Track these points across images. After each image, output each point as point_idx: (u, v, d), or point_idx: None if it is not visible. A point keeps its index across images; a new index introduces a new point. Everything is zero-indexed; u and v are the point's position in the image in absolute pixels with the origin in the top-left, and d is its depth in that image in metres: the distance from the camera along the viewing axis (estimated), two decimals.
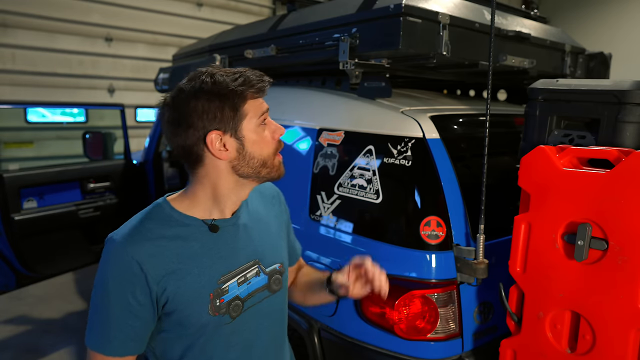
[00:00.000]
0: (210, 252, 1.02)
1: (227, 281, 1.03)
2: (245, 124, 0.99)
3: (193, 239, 1.01)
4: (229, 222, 1.06)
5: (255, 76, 0.99)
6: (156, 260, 0.96)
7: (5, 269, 2.82)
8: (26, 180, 2.75)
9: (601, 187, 1.19)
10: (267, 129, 1.03)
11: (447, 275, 1.55)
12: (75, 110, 5.14)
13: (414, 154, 1.63)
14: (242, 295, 1.06)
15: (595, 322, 1.22)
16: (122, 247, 0.96)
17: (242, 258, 1.07)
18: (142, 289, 0.95)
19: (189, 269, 0.99)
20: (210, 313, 1.00)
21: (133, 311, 0.95)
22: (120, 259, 0.95)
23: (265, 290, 1.11)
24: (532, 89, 1.51)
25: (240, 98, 0.98)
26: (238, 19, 6.38)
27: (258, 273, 1.10)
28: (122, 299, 0.94)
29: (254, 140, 1.00)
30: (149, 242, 0.97)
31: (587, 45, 2.61)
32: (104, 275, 0.96)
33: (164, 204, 1.04)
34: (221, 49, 2.79)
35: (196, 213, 1.04)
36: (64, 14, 5.08)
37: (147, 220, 1.01)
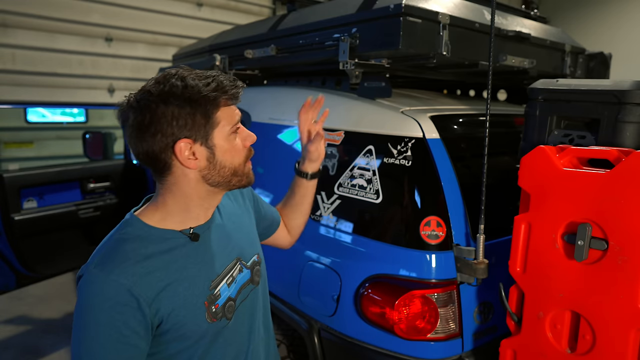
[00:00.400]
0: (195, 261, 0.99)
1: (217, 285, 1.02)
2: (217, 132, 0.94)
3: (176, 252, 0.97)
4: (205, 227, 1.04)
5: (229, 81, 0.94)
6: (145, 282, 0.90)
7: (5, 269, 2.82)
8: (26, 180, 2.75)
9: (601, 187, 1.19)
10: (239, 136, 1.00)
11: (447, 275, 1.55)
12: (75, 110, 5.13)
13: (414, 154, 1.63)
14: (233, 295, 1.06)
15: (595, 322, 1.22)
16: (105, 276, 0.88)
17: (225, 259, 1.07)
18: (135, 316, 0.88)
19: (179, 283, 0.95)
20: (209, 320, 0.99)
21: (130, 342, 0.88)
22: (106, 289, 0.87)
23: (250, 284, 1.13)
24: (532, 89, 1.51)
25: (213, 105, 0.93)
26: (238, 19, 6.38)
27: (242, 269, 1.11)
28: (115, 332, 0.86)
29: (226, 149, 0.96)
30: (133, 265, 0.90)
31: (587, 45, 2.61)
32: (89, 310, 0.87)
33: (134, 222, 0.97)
34: (221, 49, 2.79)
35: (171, 225, 0.99)
36: (64, 14, 5.07)
37: (123, 242, 0.94)
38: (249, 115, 2.38)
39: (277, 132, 2.18)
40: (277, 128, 2.19)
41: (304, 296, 1.85)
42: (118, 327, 0.87)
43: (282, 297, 1.96)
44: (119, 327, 0.87)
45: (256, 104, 2.44)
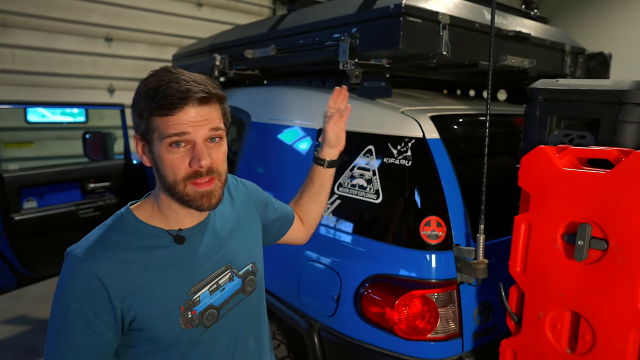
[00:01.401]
0: (178, 263, 0.97)
1: (197, 291, 0.99)
2: (155, 139, 0.90)
3: (158, 251, 0.95)
4: (196, 230, 1.01)
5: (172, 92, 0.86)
6: (119, 275, 0.89)
7: (5, 269, 2.82)
8: (26, 180, 2.75)
9: (601, 187, 1.19)
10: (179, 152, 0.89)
11: (447, 275, 1.54)
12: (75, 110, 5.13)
13: (414, 154, 1.63)
14: (217, 303, 1.02)
15: (595, 322, 1.22)
16: (81, 262, 0.88)
17: (213, 265, 1.03)
18: (104, 305, 0.88)
19: (155, 284, 0.93)
20: (182, 326, 0.96)
21: (95, 330, 0.88)
22: (80, 275, 0.88)
23: (240, 294, 1.09)
24: (532, 89, 1.51)
25: (147, 110, 0.89)
26: (238, 19, 6.38)
27: (232, 278, 1.06)
28: (82, 316, 0.87)
29: (160, 158, 0.91)
30: (111, 256, 0.90)
31: (587, 45, 2.61)
32: (62, 292, 0.89)
33: (126, 214, 0.97)
34: (221, 49, 2.79)
35: (159, 222, 0.98)
36: (64, 14, 5.08)
37: (109, 232, 0.94)
38: (249, 115, 2.38)
39: (277, 132, 2.18)
40: (277, 128, 2.19)
41: (304, 296, 1.85)
42: (86, 314, 0.87)
43: (282, 297, 1.96)
44: (87, 314, 0.87)
45: (256, 104, 2.44)
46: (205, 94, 0.89)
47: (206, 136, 0.91)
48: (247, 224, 1.18)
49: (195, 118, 0.89)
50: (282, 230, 1.34)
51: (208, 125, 0.91)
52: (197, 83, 0.89)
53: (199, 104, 0.89)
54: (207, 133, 0.91)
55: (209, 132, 0.91)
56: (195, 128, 0.89)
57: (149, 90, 0.88)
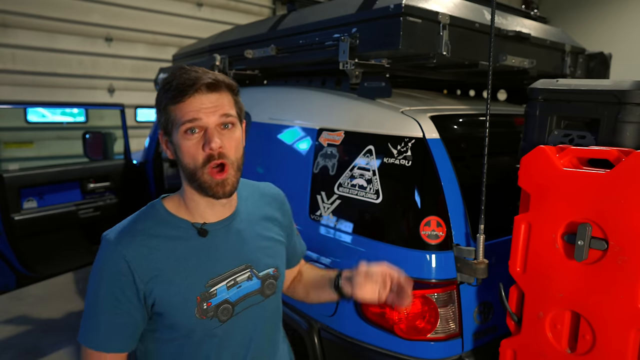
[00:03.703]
0: (199, 255, 1.01)
1: (215, 285, 1.02)
2: (173, 129, 0.97)
3: (182, 241, 1.01)
4: (220, 225, 1.05)
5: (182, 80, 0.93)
6: (144, 260, 0.96)
7: (5, 269, 2.82)
8: (26, 180, 2.75)
9: (601, 187, 1.19)
10: (194, 138, 0.95)
11: (447, 275, 1.55)
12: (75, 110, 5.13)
13: (414, 154, 1.63)
14: (232, 299, 1.04)
15: (595, 322, 1.22)
16: (113, 245, 0.96)
17: (233, 262, 1.06)
18: (130, 286, 0.95)
19: (176, 272, 0.98)
20: (197, 316, 0.99)
21: (122, 307, 0.95)
22: (111, 257, 0.96)
23: (258, 295, 1.10)
24: (532, 89, 1.51)
25: (163, 102, 0.96)
26: (238, 19, 6.38)
27: (250, 277, 1.08)
28: (111, 295, 0.95)
29: (179, 147, 0.97)
30: (138, 242, 0.97)
31: (587, 45, 2.61)
32: (96, 271, 0.97)
33: (157, 205, 1.05)
34: (221, 49, 2.79)
35: (186, 215, 1.03)
36: (64, 14, 5.08)
37: (140, 220, 1.02)
38: (249, 115, 2.38)
39: (277, 132, 2.18)
40: (277, 128, 2.19)
41: None
42: (115, 294, 0.95)
43: (282, 297, 1.95)
44: (116, 294, 0.95)
45: (256, 104, 2.44)
46: (212, 80, 0.95)
47: (217, 122, 0.96)
48: (275, 228, 1.19)
49: (205, 104, 0.94)
50: (290, 263, 1.30)
51: (219, 111, 0.95)
52: (205, 72, 0.96)
53: (207, 90, 0.94)
54: (218, 119, 0.96)
55: (220, 118, 0.96)
56: (206, 114, 0.94)
57: (165, 84, 0.96)
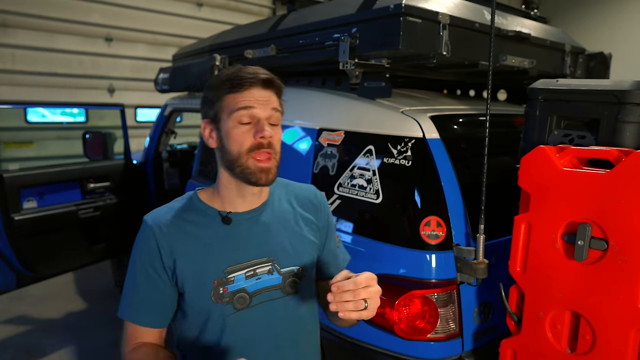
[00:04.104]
0: (221, 241, 1.06)
1: (233, 272, 1.05)
2: (224, 117, 1.03)
3: (207, 227, 1.07)
4: (246, 216, 1.09)
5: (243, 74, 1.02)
6: (172, 240, 1.04)
7: (5, 269, 2.82)
8: (26, 180, 2.74)
9: (601, 187, 1.19)
10: (245, 127, 1.01)
11: (447, 275, 1.55)
12: (75, 110, 5.14)
13: (414, 154, 1.63)
14: (250, 290, 1.06)
15: (595, 322, 1.22)
16: (146, 225, 1.06)
17: (255, 253, 1.08)
18: (159, 262, 1.03)
19: (198, 255, 1.04)
20: (213, 299, 1.03)
21: (153, 283, 1.04)
22: (144, 235, 1.06)
23: (278, 290, 1.09)
24: (532, 89, 1.51)
25: (220, 91, 1.03)
26: (238, 19, 6.38)
27: (271, 271, 1.09)
28: (144, 270, 1.04)
29: (227, 133, 1.03)
30: (167, 223, 1.05)
31: (587, 45, 2.61)
32: (134, 249, 1.07)
33: (193, 194, 1.13)
34: (221, 49, 2.79)
35: (216, 203, 1.09)
36: (64, 14, 5.08)
37: (175, 206, 1.10)
38: None
39: None
40: None
41: None
42: (147, 268, 1.04)
43: None
44: (147, 267, 1.04)
45: None
46: (269, 77, 1.04)
47: (268, 115, 1.03)
48: (304, 230, 1.17)
49: (260, 97, 1.02)
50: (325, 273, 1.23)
51: (270, 105, 1.03)
52: (262, 70, 1.04)
53: (263, 86, 1.03)
54: (269, 112, 1.03)
55: (270, 112, 1.03)
56: (260, 105, 1.02)
57: (224, 77, 1.03)
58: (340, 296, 0.89)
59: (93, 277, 4.18)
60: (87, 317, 3.51)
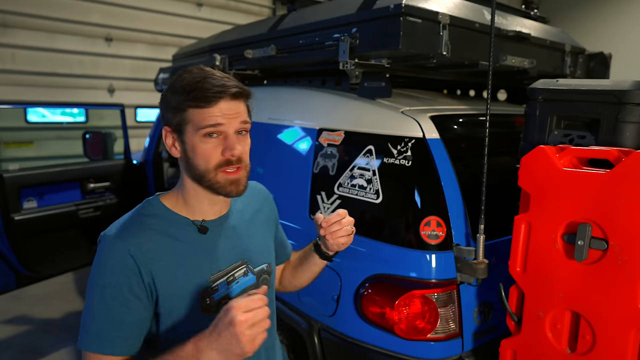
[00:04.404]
0: (199, 252, 1.03)
1: (216, 280, 1.04)
2: (188, 130, 0.98)
3: (182, 238, 1.02)
4: (217, 223, 1.08)
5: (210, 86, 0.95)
6: (150, 255, 0.96)
7: (5, 269, 2.82)
8: (26, 180, 2.75)
9: (601, 187, 1.18)
10: (213, 142, 0.97)
11: (447, 275, 1.55)
12: (75, 110, 5.13)
13: (414, 154, 1.63)
14: (233, 294, 1.07)
15: (595, 322, 1.22)
16: (115, 241, 0.96)
17: (231, 258, 1.08)
18: (137, 280, 0.95)
19: (179, 267, 1.00)
20: (203, 312, 1.02)
21: (128, 305, 0.94)
22: (115, 253, 0.95)
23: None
24: (532, 89, 1.51)
25: (184, 102, 0.96)
26: (238, 19, 6.38)
27: (246, 273, 1.11)
28: (118, 293, 0.94)
29: (193, 148, 0.98)
30: (141, 235, 0.98)
31: (587, 45, 2.61)
32: (98, 271, 0.95)
33: (154, 201, 1.06)
34: (221, 49, 2.79)
35: (184, 211, 1.05)
36: (64, 14, 5.08)
37: (139, 215, 1.03)
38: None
39: (277, 132, 2.18)
40: (277, 128, 2.19)
41: (304, 296, 1.85)
42: (122, 290, 0.94)
43: (282, 297, 1.96)
44: (123, 290, 0.94)
45: (256, 104, 2.44)
46: (238, 89, 0.98)
47: (237, 128, 0.99)
48: (264, 227, 1.22)
49: (228, 111, 0.97)
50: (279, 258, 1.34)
51: (239, 118, 0.99)
52: (229, 79, 0.98)
53: (231, 98, 0.97)
54: (238, 125, 0.99)
55: (239, 125, 0.99)
56: (228, 120, 0.97)
57: (186, 85, 0.96)
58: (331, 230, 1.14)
59: None
60: None
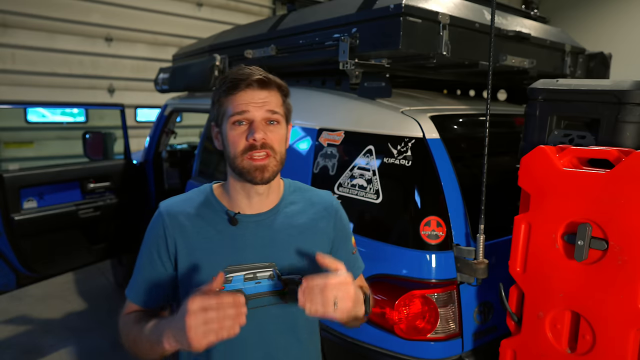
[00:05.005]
0: (225, 240, 1.07)
1: (233, 272, 1.05)
2: (223, 120, 1.04)
3: (213, 224, 1.08)
4: (252, 219, 1.09)
5: (237, 75, 1.02)
6: (178, 230, 1.06)
7: (5, 269, 2.82)
8: (26, 180, 2.74)
9: (601, 187, 1.19)
10: (240, 129, 1.02)
11: (447, 275, 1.55)
12: (75, 110, 5.14)
13: (414, 154, 1.63)
14: (247, 292, 1.05)
15: (595, 322, 1.22)
16: (159, 211, 1.11)
17: (257, 256, 1.07)
18: (163, 247, 1.07)
19: (200, 249, 1.06)
20: None
21: (154, 266, 1.08)
22: (155, 221, 1.10)
23: (277, 297, 1.08)
24: (532, 89, 1.51)
25: (220, 94, 1.04)
26: (238, 19, 6.39)
27: (272, 277, 1.08)
28: (149, 253, 1.09)
29: (226, 136, 1.04)
30: (178, 213, 1.08)
31: (587, 45, 2.61)
32: (146, 232, 1.12)
33: (207, 187, 1.15)
34: (221, 49, 2.79)
35: (225, 202, 1.11)
36: (64, 14, 5.08)
37: (189, 197, 1.13)
38: None
39: None
40: None
41: None
42: (151, 250, 1.09)
43: None
44: (152, 251, 1.09)
45: None
46: (263, 77, 1.02)
47: (264, 117, 1.02)
48: (313, 238, 1.14)
49: (254, 99, 1.01)
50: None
51: (266, 106, 1.02)
52: (258, 70, 1.03)
53: (258, 87, 1.02)
54: (265, 114, 1.02)
55: (266, 113, 1.02)
56: (254, 108, 1.01)
57: (222, 79, 1.05)
58: (309, 292, 0.90)
59: (93, 277, 4.18)
60: (87, 317, 3.51)
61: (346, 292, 0.91)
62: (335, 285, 0.90)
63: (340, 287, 0.91)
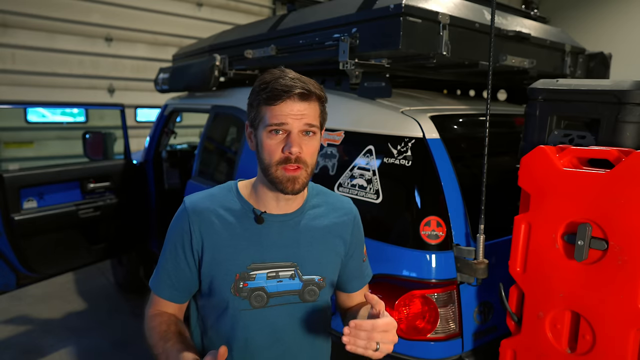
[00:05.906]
0: (250, 238, 1.09)
1: (256, 270, 1.07)
2: (259, 125, 1.04)
3: (240, 221, 1.09)
4: (278, 218, 1.11)
5: (279, 86, 1.00)
6: (204, 226, 1.08)
7: (5, 269, 2.82)
8: (26, 180, 2.74)
9: (601, 187, 1.19)
10: (277, 139, 1.01)
11: (447, 275, 1.55)
12: (75, 110, 5.14)
13: (414, 154, 1.63)
14: (269, 290, 1.08)
15: (595, 322, 1.22)
16: (184, 206, 1.11)
17: (280, 255, 1.10)
18: (188, 242, 1.08)
19: (226, 246, 1.07)
20: (232, 292, 1.07)
21: (178, 261, 1.10)
22: (180, 217, 1.11)
23: (297, 296, 1.11)
24: (532, 89, 1.51)
25: (258, 99, 1.03)
26: (238, 19, 6.38)
27: (293, 276, 1.11)
28: (174, 247, 1.10)
29: (261, 142, 1.04)
30: (204, 210, 1.09)
31: (587, 45, 2.61)
32: (170, 226, 1.14)
33: (232, 185, 1.16)
34: (221, 49, 2.79)
35: (252, 200, 1.12)
36: (64, 14, 5.08)
37: (215, 194, 1.14)
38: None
39: None
40: None
41: None
42: (176, 245, 1.10)
43: None
44: (176, 245, 1.10)
45: None
46: (304, 90, 1.01)
47: (301, 129, 1.02)
48: (331, 240, 1.17)
49: (293, 111, 1.01)
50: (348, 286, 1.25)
51: (304, 119, 1.02)
52: (300, 81, 1.02)
53: (299, 99, 1.01)
54: (303, 127, 1.02)
55: (304, 126, 1.02)
56: (293, 120, 1.01)
57: (262, 84, 1.03)
58: (355, 333, 0.89)
59: (93, 277, 4.18)
60: (87, 317, 3.52)
61: (391, 337, 0.92)
62: (382, 331, 0.90)
63: (386, 333, 0.90)
